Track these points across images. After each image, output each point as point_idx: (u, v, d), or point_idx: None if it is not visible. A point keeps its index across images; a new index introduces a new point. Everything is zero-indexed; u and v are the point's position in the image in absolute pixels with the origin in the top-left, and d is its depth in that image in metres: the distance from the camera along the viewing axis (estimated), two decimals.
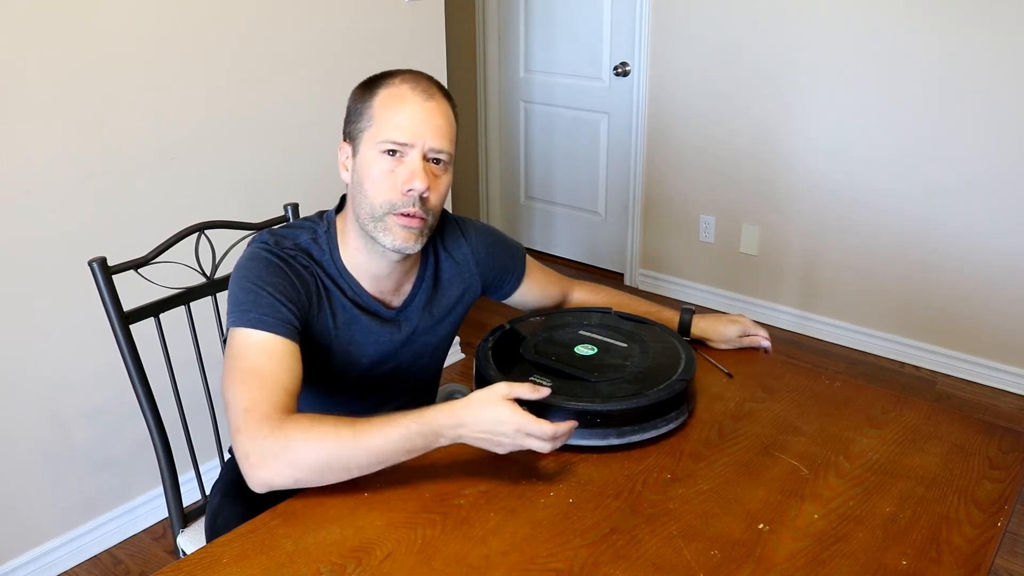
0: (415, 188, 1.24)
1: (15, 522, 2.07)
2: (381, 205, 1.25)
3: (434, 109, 1.26)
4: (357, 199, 1.28)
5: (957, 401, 2.95)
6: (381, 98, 1.26)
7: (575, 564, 1.03)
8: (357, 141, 1.28)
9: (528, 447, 1.12)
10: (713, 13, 3.35)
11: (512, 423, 1.10)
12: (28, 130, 1.90)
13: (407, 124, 1.24)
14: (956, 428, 1.33)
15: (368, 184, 1.26)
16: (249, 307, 1.21)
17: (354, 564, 1.02)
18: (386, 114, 1.25)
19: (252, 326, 1.19)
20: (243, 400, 1.13)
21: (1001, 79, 2.76)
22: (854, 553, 1.06)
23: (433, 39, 2.77)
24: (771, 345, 1.57)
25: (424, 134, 1.24)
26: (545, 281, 1.60)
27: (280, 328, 1.20)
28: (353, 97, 1.31)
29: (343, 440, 1.09)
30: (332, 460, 1.09)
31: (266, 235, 1.31)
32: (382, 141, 1.24)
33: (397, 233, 1.26)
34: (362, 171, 1.27)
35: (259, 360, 1.17)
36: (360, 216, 1.28)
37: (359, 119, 1.28)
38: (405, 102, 1.25)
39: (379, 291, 1.36)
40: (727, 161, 3.47)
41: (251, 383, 1.14)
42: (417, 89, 1.26)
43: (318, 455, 1.09)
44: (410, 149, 1.24)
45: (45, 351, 2.03)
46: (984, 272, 2.95)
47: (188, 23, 2.12)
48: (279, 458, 1.09)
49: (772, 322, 3.50)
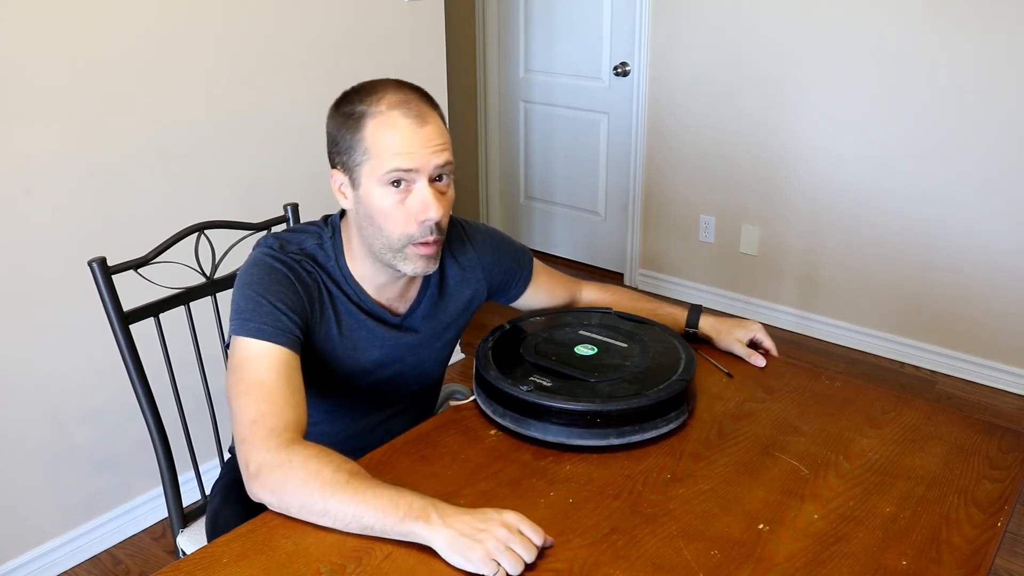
0: (430, 218, 1.22)
1: (15, 522, 2.07)
2: (399, 239, 1.24)
3: (430, 131, 1.22)
4: (368, 231, 1.26)
5: (957, 401, 2.95)
6: (371, 130, 1.21)
7: (575, 564, 1.03)
8: (355, 174, 1.24)
9: (514, 547, 1.00)
10: (713, 13, 3.35)
11: (508, 514, 1.03)
12: (28, 130, 1.90)
13: (406, 151, 1.20)
14: (956, 428, 1.33)
15: (381, 220, 1.23)
16: (250, 316, 1.20)
17: (354, 564, 1.02)
18: (382, 146, 1.20)
19: (253, 336, 1.19)
20: (250, 412, 1.13)
21: (1001, 79, 2.76)
22: (854, 553, 1.06)
23: (433, 39, 2.77)
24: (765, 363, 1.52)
25: (426, 157, 1.21)
26: (552, 283, 1.59)
27: (281, 338, 1.20)
28: (335, 124, 1.25)
29: (335, 481, 1.05)
30: (315, 495, 1.05)
31: (271, 239, 1.30)
32: (385, 173, 1.21)
33: (418, 262, 1.26)
34: (370, 206, 1.24)
35: (263, 372, 1.17)
36: (375, 248, 1.26)
37: (352, 152, 1.23)
38: (399, 130, 1.20)
39: (385, 298, 1.36)
40: (727, 161, 3.47)
41: (257, 395, 1.14)
42: (409, 114, 1.21)
43: (303, 485, 1.06)
44: (415, 175, 1.21)
45: (45, 351, 2.03)
46: (984, 272, 2.95)
47: (188, 23, 2.12)
48: (272, 475, 1.08)
49: (772, 322, 3.50)
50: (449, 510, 1.03)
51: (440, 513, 1.02)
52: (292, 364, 1.20)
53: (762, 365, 1.51)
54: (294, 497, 1.07)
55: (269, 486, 1.08)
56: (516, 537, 1.01)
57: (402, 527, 1.02)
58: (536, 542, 1.02)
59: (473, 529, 1.01)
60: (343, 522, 1.05)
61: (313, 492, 1.05)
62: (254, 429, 1.11)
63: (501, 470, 1.21)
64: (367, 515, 1.03)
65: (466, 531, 1.01)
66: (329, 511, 1.05)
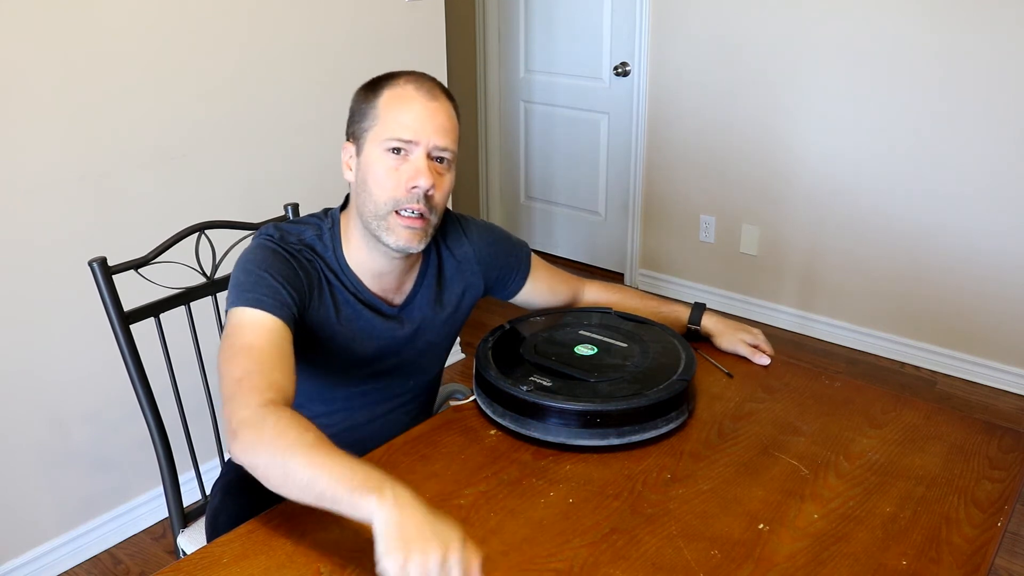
0: (420, 185, 1.25)
1: (15, 522, 2.07)
2: (385, 203, 1.26)
3: (438, 108, 1.27)
4: (361, 197, 1.29)
5: (957, 401, 2.95)
6: (385, 98, 1.27)
7: (575, 564, 1.03)
8: (361, 140, 1.29)
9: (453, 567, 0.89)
10: (713, 13, 3.35)
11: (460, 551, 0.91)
12: (28, 130, 1.90)
13: (411, 123, 1.25)
14: (956, 428, 1.33)
15: (372, 182, 1.27)
16: (249, 288, 1.21)
17: (354, 564, 1.02)
18: (391, 113, 1.26)
19: (251, 305, 1.20)
20: (236, 371, 1.13)
21: (1002, 79, 2.76)
22: (854, 553, 1.06)
23: (433, 39, 2.77)
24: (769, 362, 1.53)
25: (428, 132, 1.26)
26: (552, 280, 1.59)
27: (278, 310, 1.20)
28: (356, 98, 1.32)
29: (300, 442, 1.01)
30: (278, 454, 1.01)
31: (271, 228, 1.32)
32: (387, 139, 1.26)
33: (400, 233, 1.27)
34: (366, 169, 1.28)
35: (253, 337, 1.17)
36: (364, 214, 1.29)
37: (363, 119, 1.29)
38: (409, 101, 1.26)
39: (381, 289, 1.37)
40: (727, 161, 3.47)
41: (246, 356, 1.14)
42: (421, 89, 1.28)
43: (271, 443, 1.02)
44: (414, 147, 1.26)
45: (45, 351, 2.03)
46: (984, 272, 2.95)
47: (188, 23, 2.12)
48: (247, 432, 1.04)
49: (772, 322, 3.50)
50: (411, 500, 0.93)
51: (396, 495, 0.93)
52: (284, 335, 1.20)
53: (767, 363, 1.52)
54: (260, 456, 1.02)
55: (243, 444, 1.04)
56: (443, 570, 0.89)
57: (351, 497, 0.94)
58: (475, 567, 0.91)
59: (417, 533, 0.90)
60: (299, 486, 0.98)
61: (277, 450, 1.01)
62: (238, 387, 1.10)
63: (501, 470, 1.21)
64: (321, 480, 0.96)
65: (409, 531, 0.90)
66: (289, 473, 0.99)
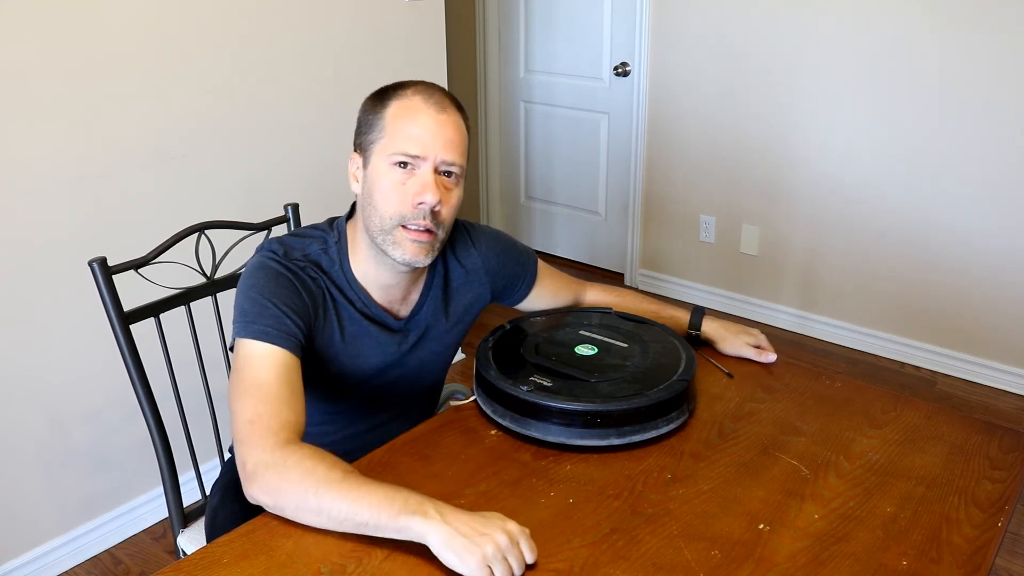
0: (426, 201, 1.23)
1: (15, 522, 2.07)
2: (391, 218, 1.24)
3: (446, 121, 1.25)
4: (367, 211, 1.27)
5: (957, 401, 2.95)
6: (393, 110, 1.25)
7: (575, 564, 1.03)
8: (368, 152, 1.27)
9: (510, 558, 0.98)
10: (713, 13, 3.35)
11: (512, 524, 1.02)
12: (28, 130, 1.90)
13: (419, 136, 1.23)
14: (956, 428, 1.33)
15: (379, 196, 1.25)
16: (254, 318, 1.20)
17: (354, 564, 1.02)
18: (398, 126, 1.24)
19: (257, 338, 1.19)
20: (248, 412, 1.13)
21: (1002, 80, 2.76)
22: (854, 553, 1.06)
23: (433, 39, 2.77)
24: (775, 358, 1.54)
25: (436, 146, 1.23)
26: (556, 286, 1.59)
27: (284, 341, 1.19)
28: (364, 108, 1.30)
29: (330, 478, 1.04)
30: (310, 492, 1.04)
31: (275, 243, 1.30)
32: (393, 153, 1.23)
33: (407, 247, 1.25)
34: (373, 183, 1.26)
35: (263, 373, 1.16)
36: (370, 228, 1.27)
37: (370, 130, 1.27)
38: (417, 113, 1.24)
39: (388, 301, 1.36)
40: (727, 161, 3.47)
41: (256, 396, 1.14)
42: (430, 101, 1.25)
43: (299, 483, 1.05)
44: (422, 162, 1.23)
45: (45, 351, 2.03)
46: (984, 272, 2.95)
47: (188, 23, 2.12)
48: (267, 475, 1.07)
49: (772, 322, 3.50)
50: (448, 508, 1.01)
51: (438, 510, 1.00)
52: (293, 367, 1.19)
53: (774, 360, 1.52)
54: (289, 497, 1.06)
55: (265, 487, 1.07)
56: (514, 548, 0.99)
57: (397, 522, 1.00)
58: (528, 560, 1.00)
59: (473, 531, 0.98)
60: (338, 520, 1.03)
61: (308, 490, 1.04)
62: (251, 429, 1.11)
63: (501, 470, 1.21)
64: (362, 511, 1.01)
65: (465, 531, 0.98)
66: (324, 508, 1.03)
